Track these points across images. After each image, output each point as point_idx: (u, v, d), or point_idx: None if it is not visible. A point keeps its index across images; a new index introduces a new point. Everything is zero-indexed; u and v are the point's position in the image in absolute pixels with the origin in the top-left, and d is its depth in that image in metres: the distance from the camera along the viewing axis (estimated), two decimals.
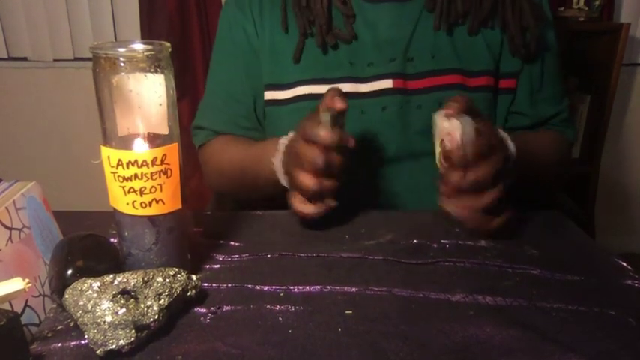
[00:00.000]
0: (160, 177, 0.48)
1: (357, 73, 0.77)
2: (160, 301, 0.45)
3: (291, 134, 0.68)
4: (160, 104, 0.47)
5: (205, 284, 0.53)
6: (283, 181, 0.67)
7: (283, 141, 0.68)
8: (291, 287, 0.52)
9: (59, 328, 0.46)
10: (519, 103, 0.83)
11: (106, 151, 0.47)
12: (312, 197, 0.60)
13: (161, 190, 0.48)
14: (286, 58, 0.79)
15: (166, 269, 0.47)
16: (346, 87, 0.77)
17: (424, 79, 0.77)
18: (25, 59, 1.92)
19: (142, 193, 0.47)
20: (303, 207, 0.61)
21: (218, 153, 0.86)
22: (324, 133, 0.57)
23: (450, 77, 0.77)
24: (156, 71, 0.46)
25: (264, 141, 0.79)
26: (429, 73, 0.77)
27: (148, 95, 0.46)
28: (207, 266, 0.57)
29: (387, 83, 0.77)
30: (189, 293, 0.48)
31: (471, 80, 0.78)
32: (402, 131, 0.77)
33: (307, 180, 0.59)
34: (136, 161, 0.46)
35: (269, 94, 0.81)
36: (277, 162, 0.67)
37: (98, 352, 0.42)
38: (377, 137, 0.77)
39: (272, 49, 0.80)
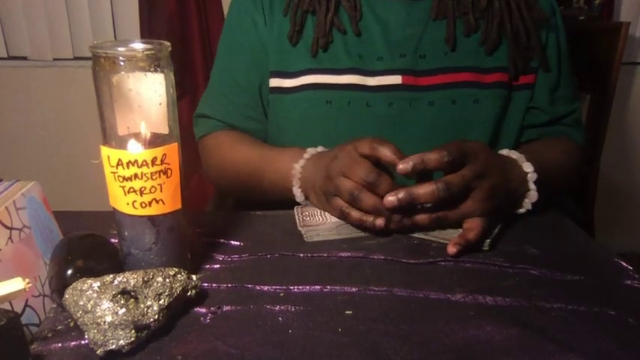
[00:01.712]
0: (159, 177, 0.48)
1: (365, 66, 0.78)
2: (160, 301, 0.45)
3: (306, 154, 0.70)
4: (160, 103, 0.47)
5: (205, 284, 0.53)
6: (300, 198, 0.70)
7: (298, 168, 0.70)
8: (291, 287, 0.52)
9: (59, 328, 0.46)
10: (538, 99, 0.82)
11: (105, 151, 0.47)
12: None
13: (161, 190, 0.48)
14: (294, 46, 0.79)
15: (166, 269, 0.47)
16: (353, 79, 0.77)
17: (436, 76, 0.77)
18: (24, 58, 1.91)
19: (141, 193, 0.47)
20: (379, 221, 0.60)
21: (222, 150, 0.85)
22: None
23: (463, 75, 0.77)
24: (156, 70, 0.46)
25: (275, 152, 0.79)
26: (441, 70, 0.77)
27: (148, 94, 0.46)
28: (207, 266, 0.57)
29: (395, 79, 0.77)
30: (189, 293, 0.48)
31: (486, 77, 0.78)
32: (409, 127, 0.77)
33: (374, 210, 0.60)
34: (135, 161, 0.46)
35: (275, 82, 0.81)
36: (297, 191, 0.70)
37: (98, 352, 0.42)
38: (382, 131, 0.77)
39: (280, 38, 0.80)
